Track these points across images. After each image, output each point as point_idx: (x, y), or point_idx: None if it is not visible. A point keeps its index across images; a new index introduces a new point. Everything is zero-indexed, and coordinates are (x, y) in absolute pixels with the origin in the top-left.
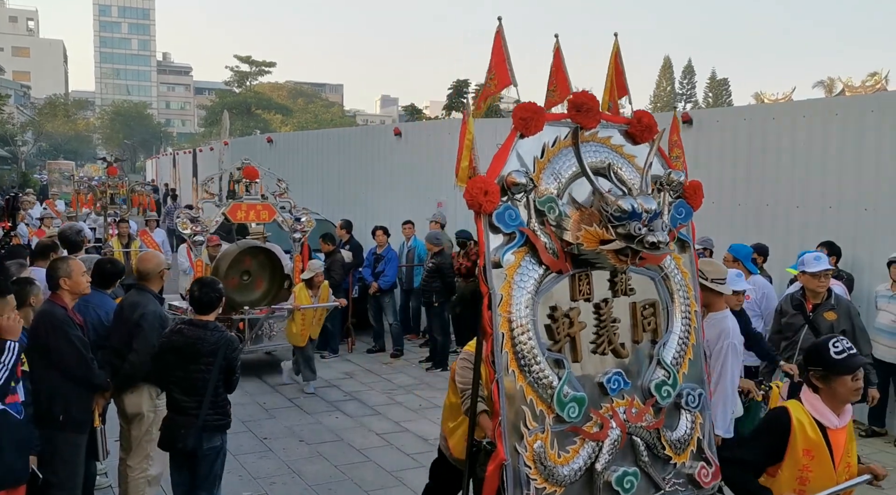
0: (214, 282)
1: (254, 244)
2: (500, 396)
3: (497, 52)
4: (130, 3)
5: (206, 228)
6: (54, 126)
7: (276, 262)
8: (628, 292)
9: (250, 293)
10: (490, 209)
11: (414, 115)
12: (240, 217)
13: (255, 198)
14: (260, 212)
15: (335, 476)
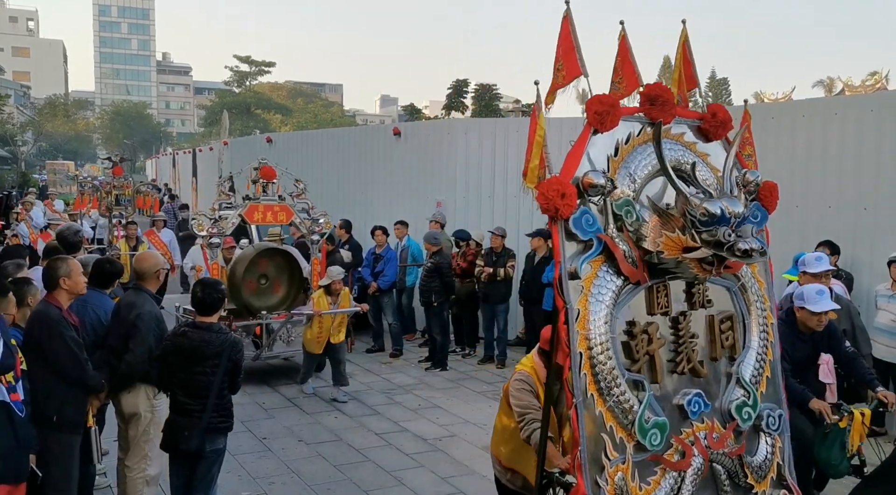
0: (217, 283)
1: (271, 246)
2: (580, 424)
3: (565, 40)
4: (130, 3)
5: (222, 230)
6: (54, 126)
7: (295, 265)
8: (706, 304)
9: (268, 297)
10: (567, 213)
11: (413, 115)
12: (257, 218)
13: (272, 199)
14: (277, 213)
15: (334, 475)
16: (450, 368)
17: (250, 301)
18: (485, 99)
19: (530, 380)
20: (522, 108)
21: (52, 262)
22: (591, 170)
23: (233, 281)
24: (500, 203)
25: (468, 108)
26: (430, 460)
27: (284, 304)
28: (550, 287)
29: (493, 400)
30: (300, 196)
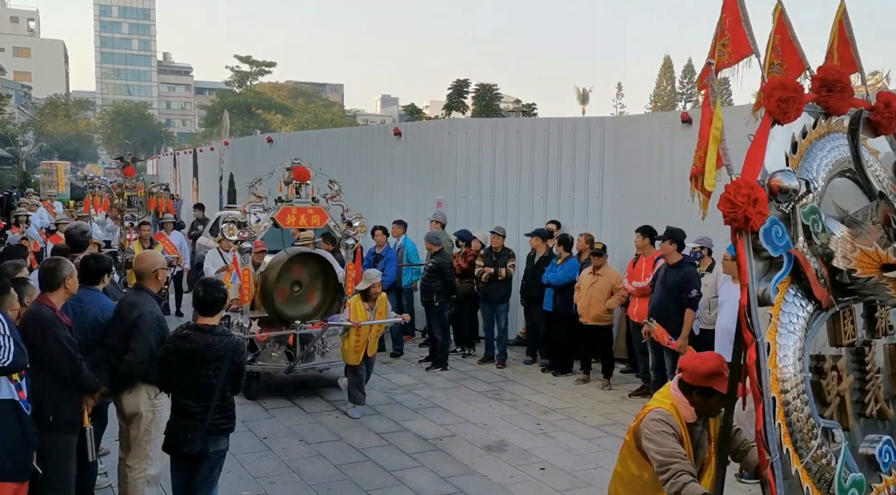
0: (218, 283)
1: (304, 251)
2: (779, 489)
3: (731, 8)
4: (131, 3)
5: (253, 234)
6: (55, 126)
7: (329, 271)
8: (887, 332)
9: (302, 306)
10: (760, 224)
11: (414, 115)
12: (289, 222)
13: (305, 202)
14: (311, 216)
15: (335, 475)
16: (450, 368)
17: (283, 309)
18: (485, 99)
19: (672, 421)
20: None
21: (55, 263)
22: (780, 170)
23: (265, 288)
24: (500, 203)
25: (469, 108)
26: (430, 460)
27: (319, 313)
28: (550, 287)
29: (493, 400)
30: (335, 198)
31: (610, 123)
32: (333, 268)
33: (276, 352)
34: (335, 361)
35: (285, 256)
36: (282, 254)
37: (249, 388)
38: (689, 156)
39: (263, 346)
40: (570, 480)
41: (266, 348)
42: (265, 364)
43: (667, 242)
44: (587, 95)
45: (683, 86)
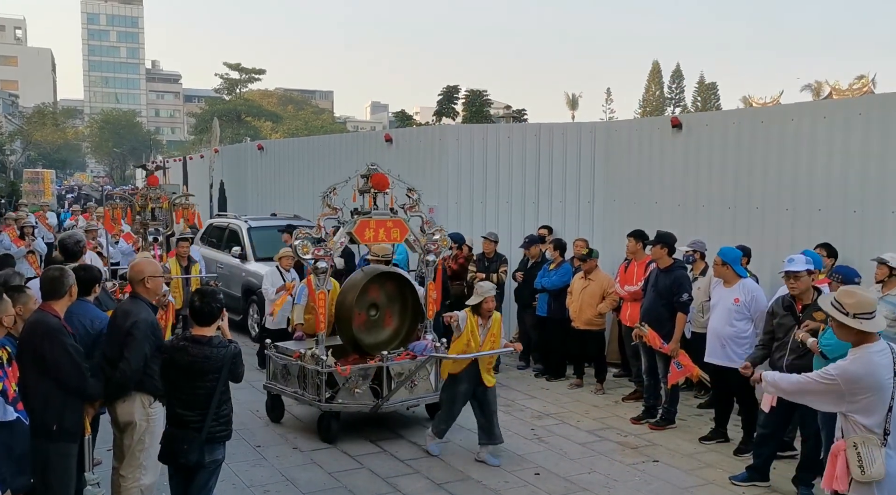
0: (215, 292)
1: (382, 270)
2: None
3: None
4: (119, 11)
5: (329, 252)
6: (43, 135)
7: (409, 292)
8: None
9: (379, 332)
10: None
11: (404, 122)
12: (368, 237)
13: (384, 213)
14: (390, 229)
15: (329, 483)
16: None
17: (361, 337)
18: (475, 105)
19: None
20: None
21: (59, 272)
22: None
23: (341, 313)
24: (491, 208)
25: (459, 114)
26: (424, 466)
27: (396, 339)
28: (543, 293)
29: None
30: (413, 208)
31: (600, 128)
32: (413, 289)
33: (359, 388)
34: (424, 396)
35: (363, 276)
36: (359, 273)
37: (329, 430)
38: (678, 160)
39: (345, 382)
40: (565, 485)
41: (347, 384)
42: (346, 402)
43: (658, 247)
44: (576, 101)
45: (672, 90)
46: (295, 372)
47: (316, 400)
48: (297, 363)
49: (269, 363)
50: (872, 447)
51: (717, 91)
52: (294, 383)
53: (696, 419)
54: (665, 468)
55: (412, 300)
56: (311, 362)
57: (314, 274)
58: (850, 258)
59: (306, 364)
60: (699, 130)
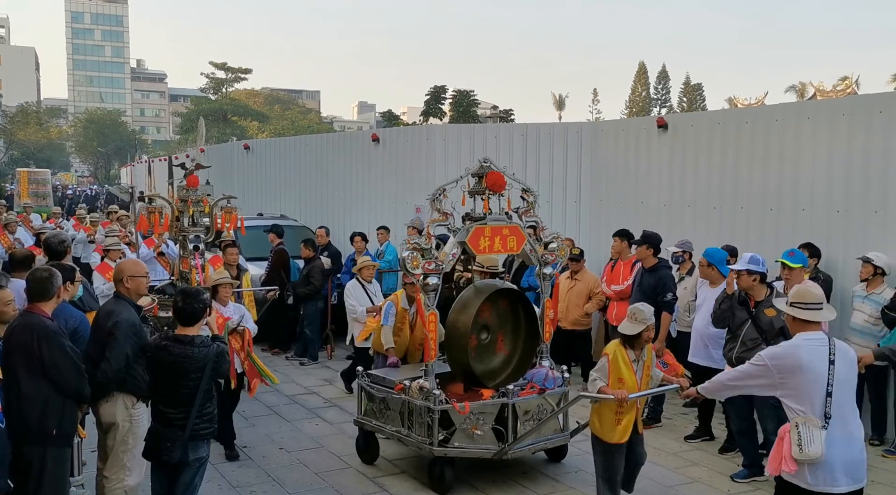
0: (199, 293)
1: (497, 285)
2: None
3: None
4: (103, 9)
5: (441, 265)
6: (26, 134)
7: (521, 311)
8: None
9: (490, 358)
10: None
11: (391, 121)
12: (482, 247)
13: (500, 219)
14: (507, 238)
15: (316, 483)
16: None
17: (472, 365)
18: (462, 105)
19: None
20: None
21: (48, 273)
22: None
23: (454, 337)
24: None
25: (446, 114)
26: (411, 466)
27: (509, 367)
28: (531, 291)
29: None
30: (528, 212)
31: (586, 129)
32: (530, 307)
33: (479, 429)
34: (552, 437)
35: (476, 293)
36: (471, 290)
37: (443, 480)
38: (664, 160)
39: (462, 421)
40: (552, 484)
41: (465, 424)
42: (464, 446)
43: (643, 247)
44: (563, 101)
45: (658, 91)
46: (397, 408)
47: (426, 444)
48: (399, 397)
49: (362, 394)
50: (812, 428)
51: (703, 92)
52: (395, 420)
53: (681, 418)
54: (651, 466)
55: (526, 320)
56: (418, 396)
57: (423, 291)
58: (834, 257)
59: (413, 398)
60: (685, 131)
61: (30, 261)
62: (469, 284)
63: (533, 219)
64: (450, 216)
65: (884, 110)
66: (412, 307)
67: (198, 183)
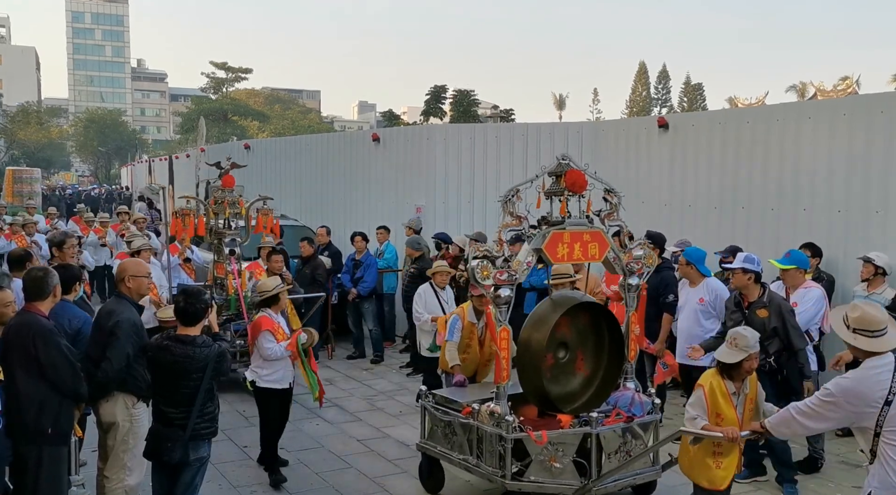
0: (200, 293)
1: (577, 298)
2: None
3: None
4: (104, 9)
5: (514, 275)
6: (27, 134)
7: (604, 326)
8: None
9: (567, 379)
10: None
11: (392, 121)
12: (561, 254)
13: (580, 223)
14: (587, 244)
15: (316, 483)
16: None
17: (547, 388)
18: (463, 105)
19: None
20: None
21: (43, 272)
22: None
23: (527, 356)
24: (479, 208)
25: (447, 113)
26: (412, 465)
27: (589, 389)
28: (532, 291)
29: None
30: (611, 215)
31: (587, 128)
32: (614, 322)
33: (558, 461)
34: (641, 472)
35: (552, 307)
36: (546, 303)
37: None
38: (665, 160)
39: (539, 452)
40: None
41: (542, 455)
42: (542, 480)
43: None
44: (564, 101)
45: (658, 91)
46: (464, 434)
47: (498, 476)
48: (467, 421)
49: (426, 417)
50: None
51: (703, 92)
52: (463, 447)
53: (681, 418)
54: None
55: (610, 337)
56: (489, 422)
57: (494, 304)
58: (834, 257)
59: (482, 424)
60: (685, 130)
61: (24, 261)
62: (466, 283)
63: (617, 222)
64: (524, 220)
65: (885, 110)
66: (480, 321)
67: (234, 183)
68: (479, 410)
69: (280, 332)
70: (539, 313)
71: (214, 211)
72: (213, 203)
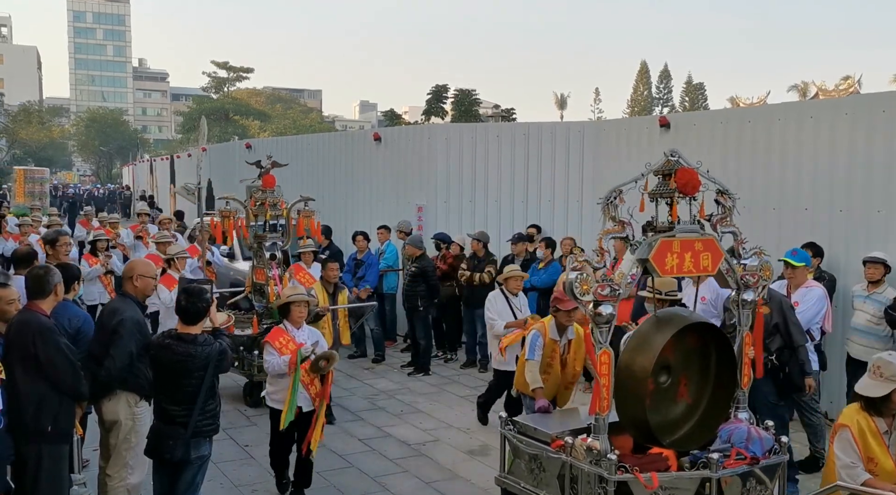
0: (202, 291)
1: (687, 319)
2: None
3: None
4: (105, 9)
5: (617, 291)
6: (28, 133)
7: (712, 348)
8: None
9: (668, 407)
10: None
11: (393, 121)
12: (670, 266)
13: (692, 230)
14: (699, 254)
15: (317, 482)
16: (432, 373)
17: (646, 417)
18: (464, 104)
19: None
20: (502, 113)
21: (43, 270)
22: None
23: (627, 382)
24: (480, 207)
25: (448, 113)
26: (413, 465)
27: (692, 419)
28: (534, 291)
29: (475, 405)
30: (724, 221)
31: (588, 128)
32: (726, 343)
33: None
34: None
35: (656, 326)
36: (650, 322)
37: None
38: None
39: None
40: None
41: None
42: None
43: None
44: (565, 100)
45: (660, 90)
46: (554, 470)
47: None
48: (559, 456)
49: (505, 446)
50: None
51: (705, 91)
52: (552, 486)
53: None
54: None
55: (718, 360)
56: (585, 459)
57: (594, 323)
58: (836, 257)
59: (578, 461)
60: (687, 130)
61: (31, 259)
62: (468, 282)
63: (730, 228)
64: (627, 225)
65: (886, 110)
66: (562, 338)
67: (274, 183)
68: (573, 444)
69: (290, 347)
70: (642, 334)
71: (254, 212)
72: (253, 204)
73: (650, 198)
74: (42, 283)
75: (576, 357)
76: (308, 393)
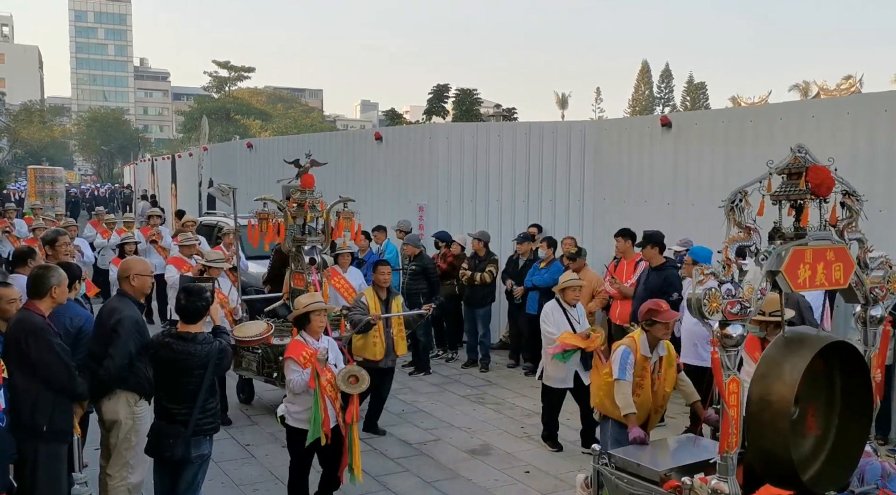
0: (202, 291)
1: (824, 338)
2: None
3: None
4: (107, 8)
5: (747, 308)
6: (30, 132)
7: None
8: None
9: (798, 441)
10: None
11: (394, 120)
12: (803, 279)
13: (824, 237)
14: (831, 265)
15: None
16: (433, 372)
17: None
18: (465, 103)
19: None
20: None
21: (43, 270)
22: None
23: (764, 415)
24: (482, 207)
25: (449, 112)
26: (415, 464)
27: (821, 455)
28: (535, 291)
29: (476, 404)
30: (850, 227)
31: (590, 127)
32: (863, 367)
33: None
34: None
35: (787, 349)
36: (779, 343)
37: None
38: (668, 159)
39: None
40: (555, 483)
41: None
42: None
43: (647, 247)
44: (566, 100)
45: (661, 90)
46: None
47: None
48: None
49: (598, 480)
50: None
51: (706, 90)
52: None
53: (683, 416)
54: None
55: (844, 384)
56: None
57: (722, 345)
58: None
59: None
60: (688, 129)
61: (27, 258)
62: (468, 282)
63: (857, 235)
64: (754, 232)
65: (888, 109)
66: (654, 354)
67: (313, 183)
68: (691, 486)
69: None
70: (771, 358)
71: (293, 214)
72: (291, 205)
73: (772, 201)
74: (38, 283)
75: (666, 376)
76: (334, 407)
